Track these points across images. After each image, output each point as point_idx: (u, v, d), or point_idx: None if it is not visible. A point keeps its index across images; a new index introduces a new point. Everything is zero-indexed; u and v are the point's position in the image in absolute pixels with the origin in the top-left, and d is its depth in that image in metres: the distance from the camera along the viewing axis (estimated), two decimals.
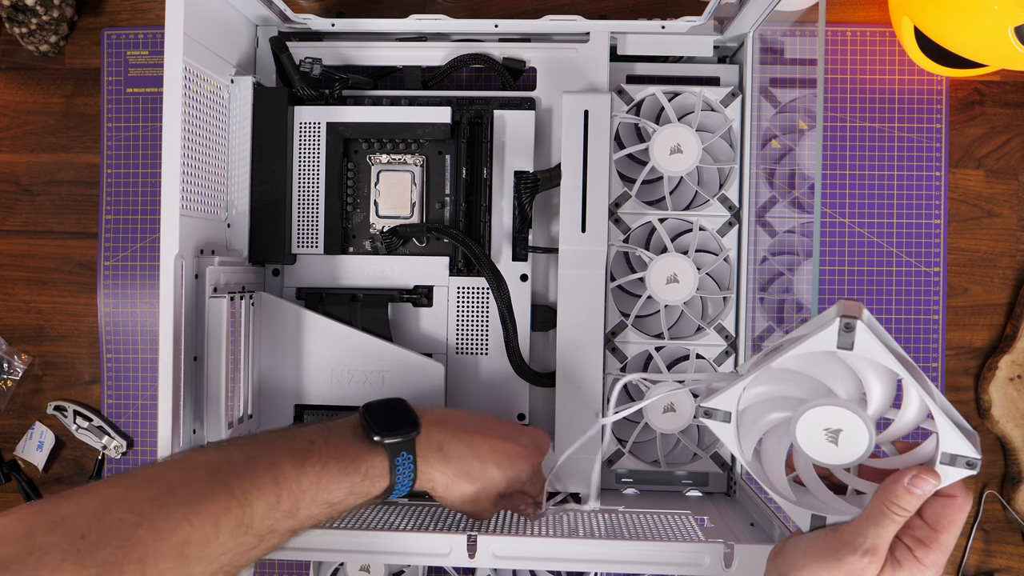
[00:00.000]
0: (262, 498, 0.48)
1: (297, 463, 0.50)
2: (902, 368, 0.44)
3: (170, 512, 0.44)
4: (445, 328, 0.73)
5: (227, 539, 0.46)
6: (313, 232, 0.73)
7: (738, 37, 0.73)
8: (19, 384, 0.84)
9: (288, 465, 0.49)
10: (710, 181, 0.74)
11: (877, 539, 0.46)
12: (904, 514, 0.45)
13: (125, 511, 0.43)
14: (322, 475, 0.50)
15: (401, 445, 0.54)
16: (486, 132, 0.72)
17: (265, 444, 0.51)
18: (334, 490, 0.51)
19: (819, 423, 0.46)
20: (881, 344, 0.44)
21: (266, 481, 0.48)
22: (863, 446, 0.46)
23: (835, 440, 0.46)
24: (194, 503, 0.45)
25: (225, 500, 0.46)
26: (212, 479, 0.47)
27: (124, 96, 0.84)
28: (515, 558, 0.58)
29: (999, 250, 0.81)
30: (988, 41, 0.68)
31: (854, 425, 0.46)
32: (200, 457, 0.49)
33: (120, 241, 0.84)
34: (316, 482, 0.50)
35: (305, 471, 0.50)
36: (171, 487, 0.46)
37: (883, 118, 0.80)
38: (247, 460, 0.49)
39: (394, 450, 0.53)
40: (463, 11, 0.82)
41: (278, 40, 0.72)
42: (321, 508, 0.51)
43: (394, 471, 0.53)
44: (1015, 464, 0.79)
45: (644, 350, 0.72)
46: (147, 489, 0.45)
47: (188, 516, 0.44)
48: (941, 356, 0.80)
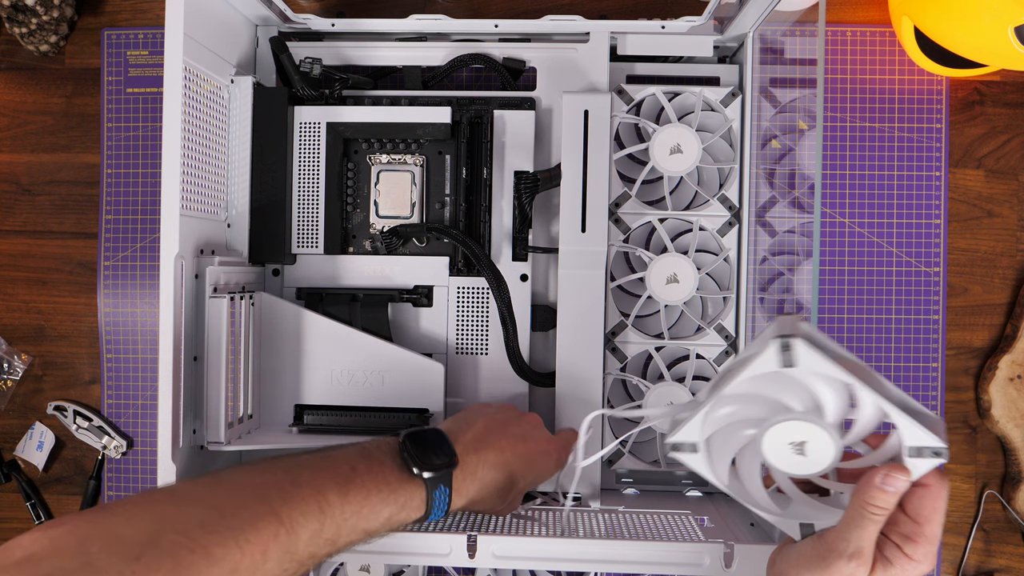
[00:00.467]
0: (307, 526, 0.48)
1: (341, 491, 0.50)
2: (848, 375, 0.44)
3: (222, 539, 0.44)
4: (445, 328, 0.73)
5: (273, 566, 0.46)
6: (313, 232, 0.73)
7: (738, 37, 0.73)
8: (19, 384, 0.84)
9: (333, 493, 0.49)
10: (710, 181, 0.74)
11: (860, 541, 0.46)
12: (882, 512, 0.45)
13: (178, 535, 0.43)
14: (364, 504, 0.50)
15: (439, 479, 0.54)
16: (486, 132, 0.72)
17: (310, 469, 0.51)
18: (373, 519, 0.51)
19: (783, 439, 0.46)
20: (822, 356, 0.44)
21: (312, 509, 0.48)
22: (830, 454, 0.46)
23: (802, 452, 0.46)
24: (244, 530, 0.45)
25: (274, 528, 0.46)
26: (261, 504, 0.47)
27: (124, 96, 0.84)
28: (515, 558, 0.58)
29: (999, 250, 0.81)
30: (988, 41, 0.68)
31: (816, 435, 0.46)
32: (246, 479, 0.49)
33: (120, 241, 0.84)
34: (358, 511, 0.50)
35: (349, 500, 0.50)
36: (221, 511, 0.45)
37: (883, 118, 0.80)
38: (294, 485, 0.49)
39: (433, 484, 0.54)
40: (463, 11, 0.82)
41: (278, 40, 0.72)
42: (359, 535, 0.51)
43: (430, 503, 0.54)
44: (1015, 464, 0.79)
45: (644, 350, 0.72)
46: (197, 510, 0.45)
47: (239, 543, 0.44)
48: (941, 356, 0.80)
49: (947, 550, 0.80)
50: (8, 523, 0.85)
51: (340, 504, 0.49)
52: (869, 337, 0.80)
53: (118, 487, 0.83)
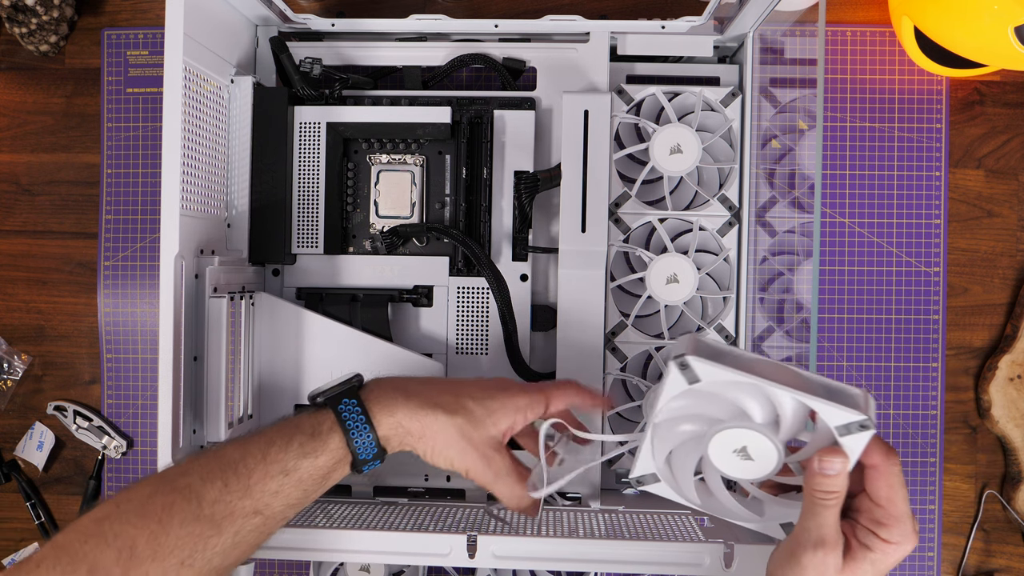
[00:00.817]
0: (207, 485, 0.48)
1: (240, 447, 0.50)
2: (749, 377, 0.44)
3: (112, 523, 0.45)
4: (445, 328, 0.73)
5: (178, 530, 0.46)
6: (313, 232, 0.73)
7: (738, 37, 0.73)
8: (19, 384, 0.84)
9: (232, 451, 0.50)
10: (710, 181, 0.74)
11: (820, 530, 0.46)
12: (831, 497, 0.45)
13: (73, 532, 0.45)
14: (267, 448, 0.50)
15: (341, 395, 0.52)
16: (486, 132, 0.72)
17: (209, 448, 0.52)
18: (283, 457, 0.50)
19: (725, 448, 0.46)
20: (718, 367, 0.44)
21: (209, 470, 0.49)
22: (773, 453, 0.46)
23: (749, 456, 0.46)
24: (135, 510, 0.46)
25: (168, 497, 0.47)
26: (155, 485, 0.48)
27: (124, 96, 0.84)
28: (515, 558, 0.58)
29: (999, 250, 0.81)
30: (988, 41, 0.68)
31: (752, 438, 0.46)
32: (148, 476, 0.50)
33: (120, 241, 0.84)
34: (263, 456, 0.50)
35: (249, 451, 0.50)
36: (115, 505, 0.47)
37: (883, 118, 0.80)
38: (188, 463, 0.50)
39: (334, 401, 0.52)
40: (463, 11, 0.82)
41: (278, 40, 0.72)
42: (278, 480, 0.49)
43: (342, 420, 0.51)
44: (1015, 464, 0.79)
45: (644, 350, 0.72)
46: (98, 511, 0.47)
47: (130, 520, 0.45)
48: (941, 356, 0.80)
49: (947, 550, 0.80)
50: (8, 523, 0.85)
51: (242, 457, 0.49)
52: (869, 337, 0.80)
53: (118, 487, 0.83)
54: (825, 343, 0.80)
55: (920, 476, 0.80)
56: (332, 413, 0.52)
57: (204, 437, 0.63)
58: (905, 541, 0.46)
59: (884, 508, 0.46)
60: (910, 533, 0.46)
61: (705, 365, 0.44)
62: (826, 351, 0.80)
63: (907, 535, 0.46)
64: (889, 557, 0.46)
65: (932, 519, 0.80)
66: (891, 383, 0.80)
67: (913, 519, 0.46)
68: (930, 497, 0.80)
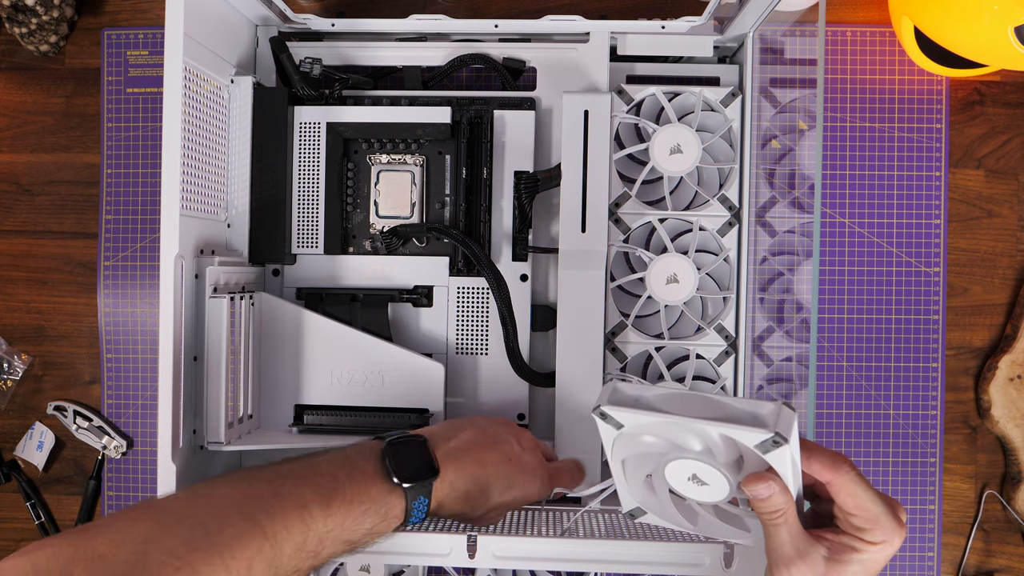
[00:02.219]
0: (291, 540, 0.47)
1: (324, 504, 0.50)
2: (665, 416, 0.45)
3: (208, 556, 0.44)
4: (445, 328, 0.73)
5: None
6: (313, 232, 0.73)
7: (738, 37, 0.73)
8: (19, 384, 0.84)
9: (316, 505, 0.49)
10: (710, 181, 0.74)
11: (781, 548, 0.46)
12: (778, 515, 0.46)
13: (164, 554, 0.43)
14: (346, 516, 0.50)
15: (419, 490, 0.54)
16: (486, 132, 0.72)
17: (292, 480, 0.50)
18: (355, 530, 0.51)
19: (681, 477, 0.47)
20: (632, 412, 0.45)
21: (295, 523, 0.48)
22: (719, 477, 0.47)
23: (702, 482, 0.47)
24: (229, 546, 0.45)
25: (259, 543, 0.46)
26: (244, 519, 0.46)
27: (124, 96, 0.84)
28: (515, 558, 0.58)
29: (999, 250, 0.81)
30: (988, 41, 0.68)
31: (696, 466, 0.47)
32: (228, 493, 0.48)
33: (120, 241, 0.84)
34: (341, 524, 0.50)
35: (331, 512, 0.50)
36: (205, 528, 0.45)
37: (883, 118, 0.80)
38: (275, 498, 0.48)
39: (412, 494, 0.54)
40: (463, 11, 0.82)
41: (278, 40, 0.72)
42: (341, 547, 0.51)
43: (409, 512, 0.54)
44: (1015, 464, 0.79)
45: (644, 350, 0.72)
46: (182, 528, 0.45)
47: (225, 560, 0.44)
48: (941, 356, 0.80)
49: (947, 550, 0.80)
50: (8, 523, 0.85)
51: (323, 517, 0.49)
52: (869, 337, 0.80)
53: (118, 487, 0.83)
54: (825, 343, 0.80)
55: (920, 476, 0.80)
56: (405, 504, 0.53)
57: (204, 437, 0.63)
58: (889, 538, 0.46)
59: (856, 515, 0.46)
60: (891, 529, 0.46)
61: (622, 412, 0.46)
62: (826, 351, 0.80)
63: (889, 532, 0.46)
64: (877, 555, 0.46)
65: (932, 519, 0.80)
66: (891, 383, 0.80)
67: (891, 515, 0.46)
68: (930, 497, 0.80)
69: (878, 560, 0.46)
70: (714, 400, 0.45)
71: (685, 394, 0.46)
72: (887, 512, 0.46)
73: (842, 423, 0.80)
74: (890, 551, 0.46)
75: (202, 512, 0.46)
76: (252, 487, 0.49)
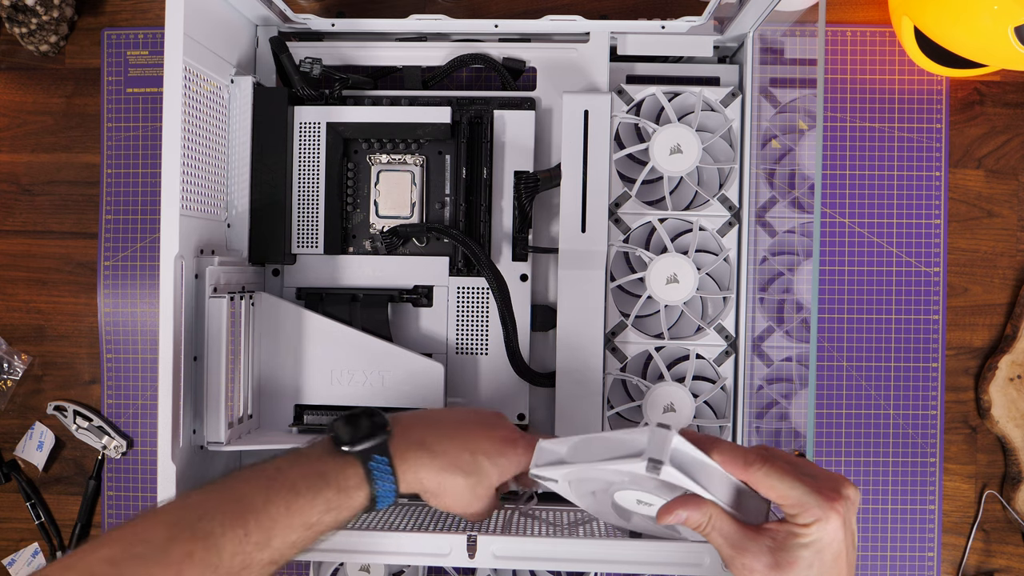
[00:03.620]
0: (228, 534, 0.46)
1: (263, 491, 0.48)
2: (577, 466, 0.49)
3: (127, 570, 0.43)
4: (445, 328, 0.73)
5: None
6: (313, 232, 0.73)
7: (738, 37, 0.73)
8: (19, 384, 0.84)
9: (255, 495, 0.48)
10: (710, 181, 0.74)
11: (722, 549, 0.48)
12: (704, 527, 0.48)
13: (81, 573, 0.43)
14: (292, 499, 0.49)
15: (372, 450, 0.52)
16: (486, 132, 0.72)
17: (228, 480, 0.50)
18: (308, 511, 0.49)
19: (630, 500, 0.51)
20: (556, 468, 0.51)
21: (230, 516, 0.47)
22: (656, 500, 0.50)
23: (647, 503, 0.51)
24: (153, 556, 0.44)
25: (188, 545, 0.45)
26: (173, 528, 0.46)
27: (124, 96, 0.84)
28: (515, 558, 0.58)
29: (999, 250, 0.81)
30: (988, 41, 0.68)
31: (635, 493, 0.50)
32: (161, 510, 0.48)
33: (120, 241, 0.84)
34: (287, 507, 0.48)
35: (272, 498, 0.48)
36: (129, 545, 0.45)
37: (883, 118, 0.80)
38: (206, 500, 0.48)
39: (365, 456, 0.51)
40: (463, 11, 0.82)
41: (278, 40, 0.72)
42: (299, 532, 0.49)
43: (371, 478, 0.51)
44: (1015, 464, 0.79)
45: (644, 350, 0.72)
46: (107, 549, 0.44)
47: (149, 570, 0.44)
48: (941, 356, 0.80)
49: (947, 550, 0.80)
50: (8, 523, 0.85)
51: (263, 505, 0.48)
52: (869, 337, 0.80)
53: (118, 487, 0.83)
54: (825, 343, 0.80)
55: (920, 476, 0.80)
56: (361, 468, 0.51)
57: (204, 437, 0.63)
58: (821, 515, 0.46)
59: (781, 504, 0.47)
60: (819, 506, 0.46)
61: (548, 470, 0.51)
62: (826, 351, 0.80)
63: (818, 510, 0.46)
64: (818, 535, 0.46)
65: (932, 519, 0.80)
66: (891, 383, 0.80)
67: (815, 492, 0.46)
68: (930, 497, 0.80)
69: (824, 540, 0.46)
70: (605, 438, 0.49)
71: (587, 438, 0.50)
72: (809, 491, 0.46)
73: (842, 423, 0.80)
74: (831, 527, 0.46)
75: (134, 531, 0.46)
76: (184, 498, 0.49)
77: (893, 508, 0.80)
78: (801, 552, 0.46)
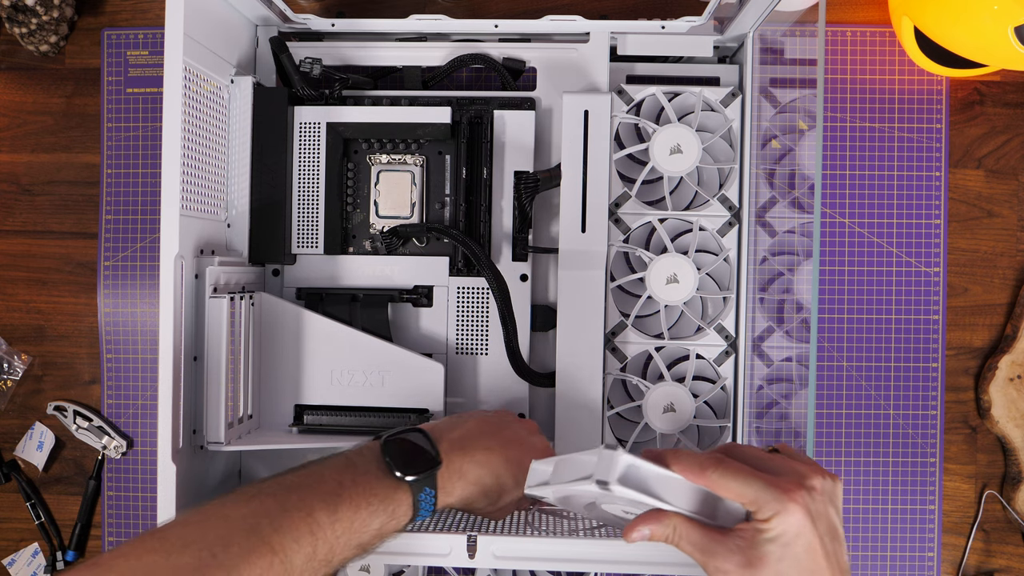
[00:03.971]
0: (300, 551, 0.47)
1: (331, 510, 0.50)
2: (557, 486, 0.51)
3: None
4: (445, 328, 0.73)
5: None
6: (313, 232, 0.73)
7: (738, 37, 0.73)
8: (19, 384, 0.84)
9: (322, 513, 0.49)
10: (710, 181, 0.74)
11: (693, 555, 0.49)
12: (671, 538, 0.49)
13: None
14: (354, 519, 0.50)
15: (423, 482, 0.54)
16: (486, 132, 0.72)
17: (297, 491, 0.50)
18: (364, 532, 0.51)
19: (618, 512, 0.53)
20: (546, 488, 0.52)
21: (303, 533, 0.48)
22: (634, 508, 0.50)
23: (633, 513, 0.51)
24: (238, 567, 0.45)
25: (268, 559, 0.46)
26: (252, 536, 0.46)
27: (124, 96, 0.84)
28: (515, 558, 0.58)
29: (999, 250, 0.81)
30: (988, 41, 0.68)
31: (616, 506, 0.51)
32: (234, 510, 0.48)
33: (120, 241, 0.84)
34: (349, 527, 0.50)
35: (339, 517, 0.50)
36: (212, 551, 0.45)
37: (883, 118, 0.80)
38: (282, 511, 0.48)
39: (417, 487, 0.54)
40: (463, 11, 0.82)
41: (278, 40, 0.72)
42: (353, 551, 0.51)
43: (416, 506, 0.54)
44: (1015, 464, 0.79)
45: (644, 350, 0.72)
46: (187, 554, 0.45)
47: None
48: (941, 356, 0.80)
49: (947, 550, 0.80)
50: (8, 523, 0.85)
51: (330, 524, 0.49)
52: (869, 337, 0.80)
53: (118, 487, 0.83)
54: (825, 343, 0.80)
55: (920, 476, 0.80)
56: (411, 497, 0.53)
57: (204, 437, 0.63)
58: (780, 507, 0.46)
59: (742, 503, 0.48)
60: (777, 499, 0.46)
61: (539, 490, 0.53)
62: (826, 351, 0.80)
63: (776, 503, 0.46)
64: (780, 528, 0.46)
65: (932, 519, 0.80)
66: (891, 383, 0.80)
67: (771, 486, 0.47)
68: (930, 497, 0.80)
69: (789, 532, 0.46)
70: (570, 460, 0.51)
71: (562, 459, 0.52)
72: (765, 486, 0.47)
73: (842, 423, 0.80)
74: (793, 519, 0.46)
75: (208, 535, 0.46)
76: (258, 501, 0.49)
77: (893, 508, 0.80)
78: (768, 547, 0.46)
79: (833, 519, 0.48)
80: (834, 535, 0.48)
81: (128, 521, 0.83)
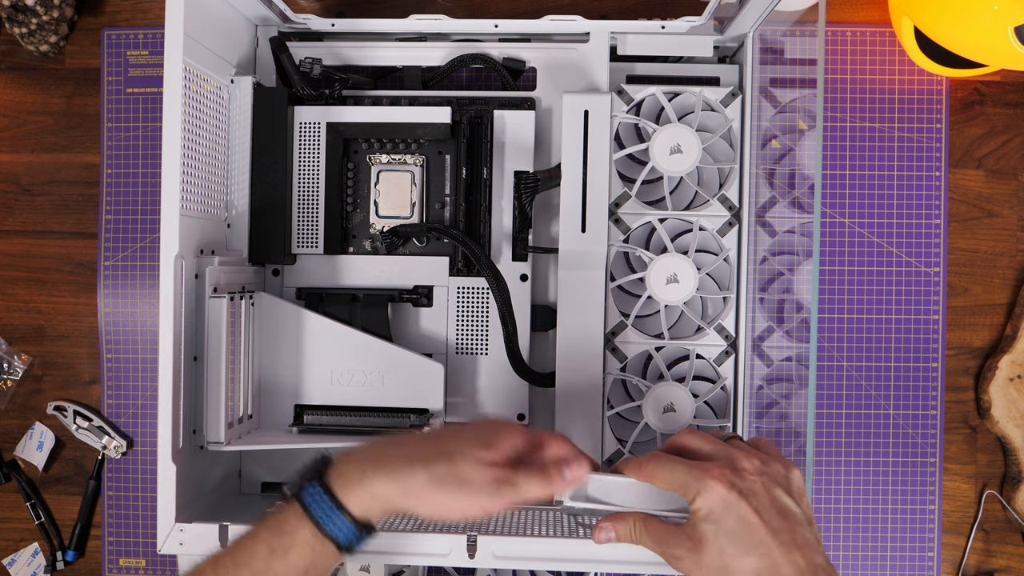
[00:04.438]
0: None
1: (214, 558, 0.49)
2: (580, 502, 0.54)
3: None
4: (445, 328, 0.73)
5: None
6: (313, 232, 0.73)
7: (738, 37, 0.73)
8: (19, 384, 0.84)
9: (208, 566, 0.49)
10: (710, 181, 0.74)
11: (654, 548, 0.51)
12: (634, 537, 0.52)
13: None
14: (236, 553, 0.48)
15: (303, 479, 0.49)
16: (486, 132, 0.72)
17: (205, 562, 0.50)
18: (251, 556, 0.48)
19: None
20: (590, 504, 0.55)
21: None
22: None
23: None
24: None
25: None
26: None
27: (124, 96, 0.84)
28: (515, 558, 0.58)
29: (999, 250, 0.81)
30: (988, 41, 0.68)
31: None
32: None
33: (120, 241, 0.84)
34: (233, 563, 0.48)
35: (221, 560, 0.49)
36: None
37: (883, 118, 0.80)
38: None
39: (296, 489, 0.49)
40: (463, 11, 0.82)
41: (278, 40, 0.72)
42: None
43: (308, 511, 0.48)
44: (1015, 464, 0.79)
45: (644, 350, 0.72)
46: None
47: None
48: (941, 356, 0.80)
49: (947, 550, 0.80)
50: (8, 523, 0.85)
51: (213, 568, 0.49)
52: (869, 337, 0.80)
53: (118, 487, 0.83)
54: (825, 343, 0.80)
55: (920, 476, 0.80)
56: (297, 504, 0.48)
57: (204, 437, 0.63)
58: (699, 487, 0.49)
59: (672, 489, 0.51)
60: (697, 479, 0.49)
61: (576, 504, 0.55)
62: (826, 351, 0.80)
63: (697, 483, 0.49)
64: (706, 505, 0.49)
65: (932, 519, 0.80)
66: (891, 383, 0.80)
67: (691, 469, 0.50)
68: (930, 497, 0.80)
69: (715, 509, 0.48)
70: None
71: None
72: (687, 470, 0.50)
73: (842, 423, 0.80)
74: (714, 496, 0.48)
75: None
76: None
77: (893, 508, 0.80)
78: (703, 527, 0.49)
79: (781, 498, 0.49)
80: (784, 513, 0.49)
81: (128, 521, 0.83)
